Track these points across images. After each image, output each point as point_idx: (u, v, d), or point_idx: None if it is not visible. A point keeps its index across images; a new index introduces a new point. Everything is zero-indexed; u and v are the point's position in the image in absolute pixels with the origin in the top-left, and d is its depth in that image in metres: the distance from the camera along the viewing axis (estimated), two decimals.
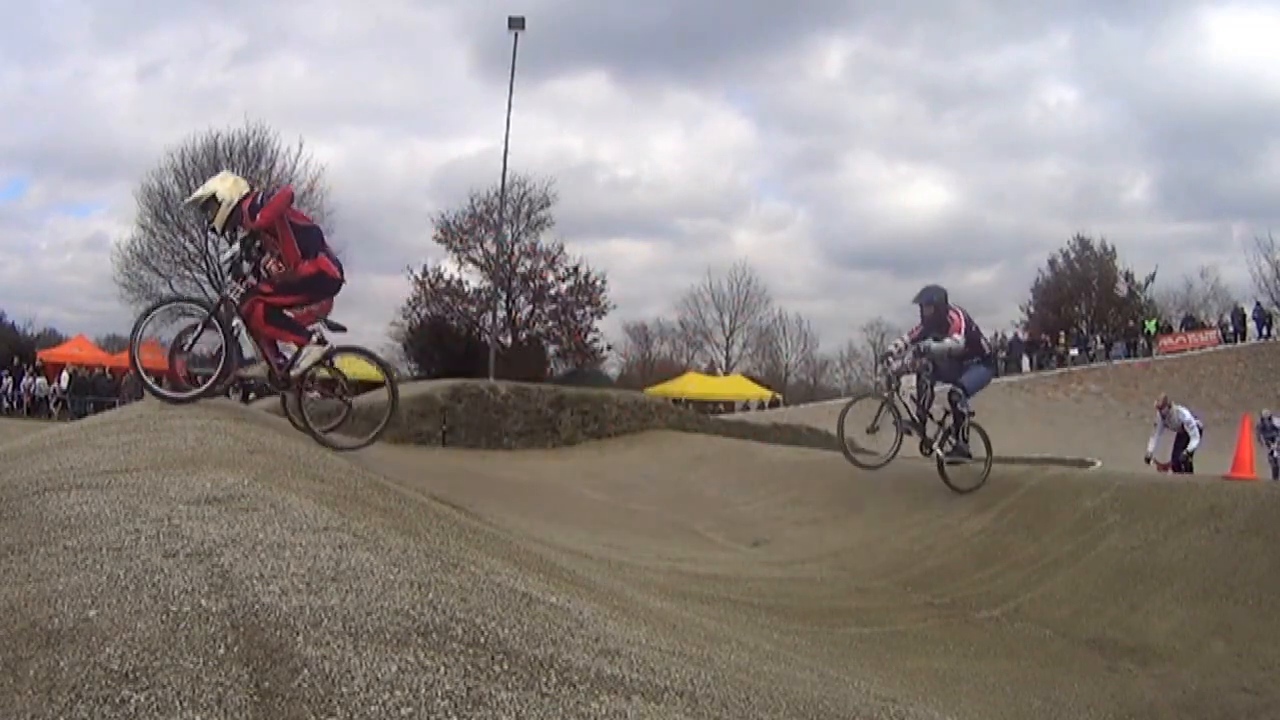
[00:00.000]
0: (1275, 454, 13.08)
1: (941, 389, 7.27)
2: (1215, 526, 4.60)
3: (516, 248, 40.24)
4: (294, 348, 5.26)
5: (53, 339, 37.94)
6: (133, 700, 1.37)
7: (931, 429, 7.20)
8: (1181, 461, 10.42)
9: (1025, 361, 35.76)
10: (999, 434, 9.76)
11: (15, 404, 27.37)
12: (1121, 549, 4.80)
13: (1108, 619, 4.26)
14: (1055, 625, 4.31)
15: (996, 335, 40.45)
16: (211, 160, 38.17)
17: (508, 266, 39.07)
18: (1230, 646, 3.79)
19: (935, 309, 7.41)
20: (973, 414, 7.33)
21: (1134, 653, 3.92)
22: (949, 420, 7.20)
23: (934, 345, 7.18)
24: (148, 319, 5.62)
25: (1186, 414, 10.65)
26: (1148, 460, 10.53)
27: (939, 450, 7.06)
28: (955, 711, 3.02)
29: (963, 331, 7.30)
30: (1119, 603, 4.37)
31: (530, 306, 40.82)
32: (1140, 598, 4.35)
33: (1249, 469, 5.80)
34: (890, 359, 7.43)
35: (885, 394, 7.24)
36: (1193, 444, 10.34)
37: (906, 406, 7.21)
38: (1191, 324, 36.34)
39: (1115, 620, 4.23)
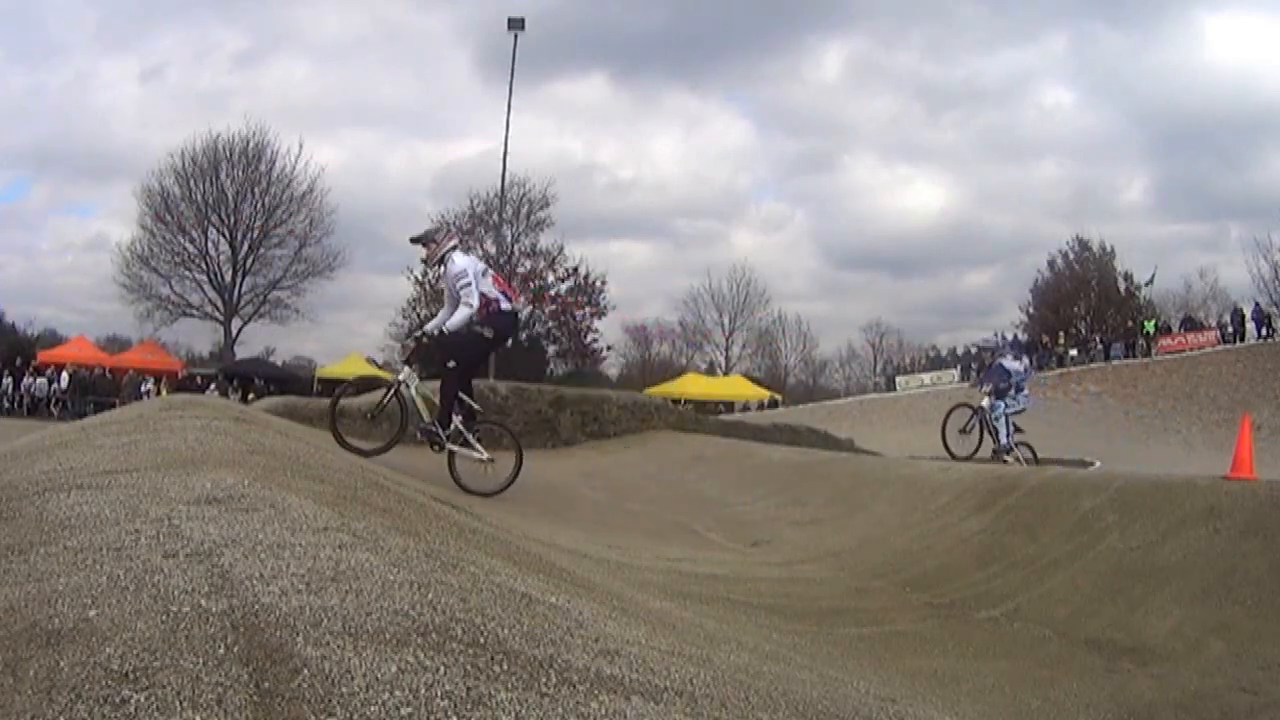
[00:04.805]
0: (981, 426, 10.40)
1: None
2: (1214, 526, 4.60)
3: (516, 248, 40.32)
4: None
5: (53, 339, 37.93)
6: (133, 700, 1.37)
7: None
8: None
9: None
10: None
11: (15, 404, 27.40)
12: (1120, 549, 4.80)
13: (1106, 619, 4.26)
14: (1054, 625, 4.31)
15: (995, 335, 40.45)
16: (211, 161, 38.20)
17: (507, 267, 39.09)
18: (1229, 646, 3.80)
19: None
20: None
21: (1132, 653, 3.92)
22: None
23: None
24: None
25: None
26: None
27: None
28: (954, 711, 3.02)
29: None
30: (1117, 603, 4.37)
31: (530, 307, 40.86)
32: (1139, 598, 4.35)
33: (1249, 469, 5.79)
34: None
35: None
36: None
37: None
38: (1190, 324, 36.36)
39: (1114, 620, 4.24)
